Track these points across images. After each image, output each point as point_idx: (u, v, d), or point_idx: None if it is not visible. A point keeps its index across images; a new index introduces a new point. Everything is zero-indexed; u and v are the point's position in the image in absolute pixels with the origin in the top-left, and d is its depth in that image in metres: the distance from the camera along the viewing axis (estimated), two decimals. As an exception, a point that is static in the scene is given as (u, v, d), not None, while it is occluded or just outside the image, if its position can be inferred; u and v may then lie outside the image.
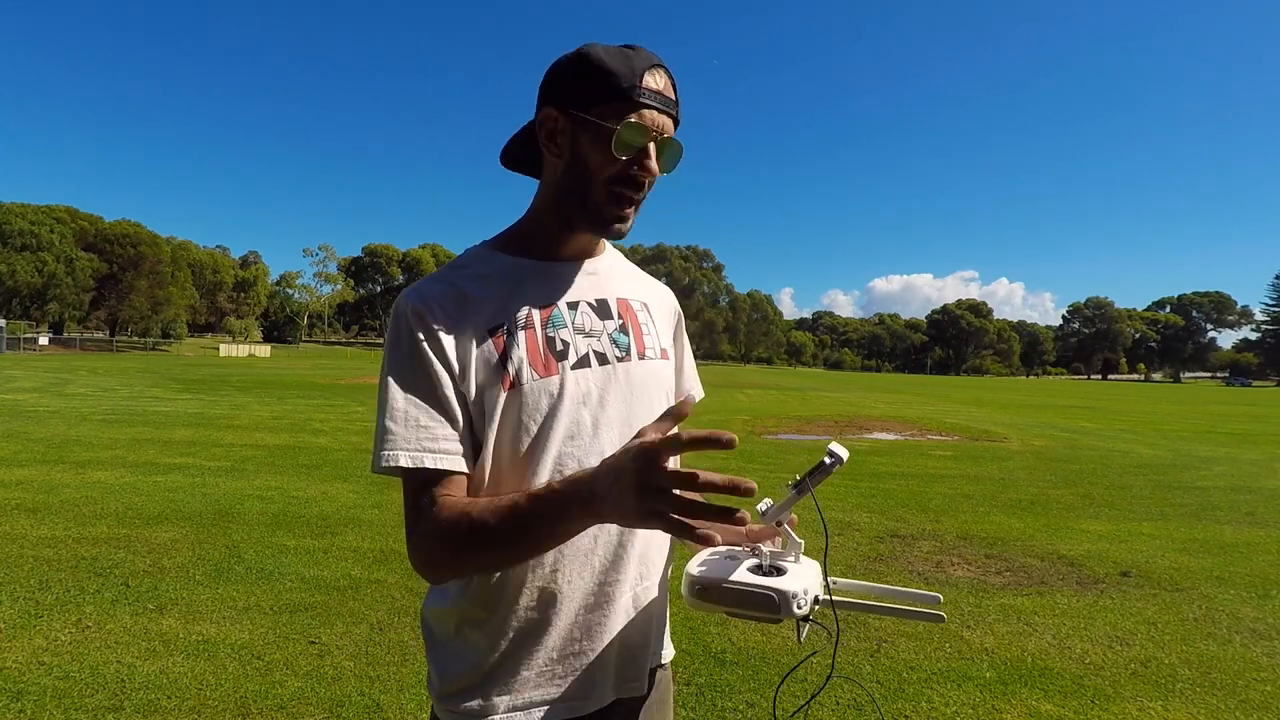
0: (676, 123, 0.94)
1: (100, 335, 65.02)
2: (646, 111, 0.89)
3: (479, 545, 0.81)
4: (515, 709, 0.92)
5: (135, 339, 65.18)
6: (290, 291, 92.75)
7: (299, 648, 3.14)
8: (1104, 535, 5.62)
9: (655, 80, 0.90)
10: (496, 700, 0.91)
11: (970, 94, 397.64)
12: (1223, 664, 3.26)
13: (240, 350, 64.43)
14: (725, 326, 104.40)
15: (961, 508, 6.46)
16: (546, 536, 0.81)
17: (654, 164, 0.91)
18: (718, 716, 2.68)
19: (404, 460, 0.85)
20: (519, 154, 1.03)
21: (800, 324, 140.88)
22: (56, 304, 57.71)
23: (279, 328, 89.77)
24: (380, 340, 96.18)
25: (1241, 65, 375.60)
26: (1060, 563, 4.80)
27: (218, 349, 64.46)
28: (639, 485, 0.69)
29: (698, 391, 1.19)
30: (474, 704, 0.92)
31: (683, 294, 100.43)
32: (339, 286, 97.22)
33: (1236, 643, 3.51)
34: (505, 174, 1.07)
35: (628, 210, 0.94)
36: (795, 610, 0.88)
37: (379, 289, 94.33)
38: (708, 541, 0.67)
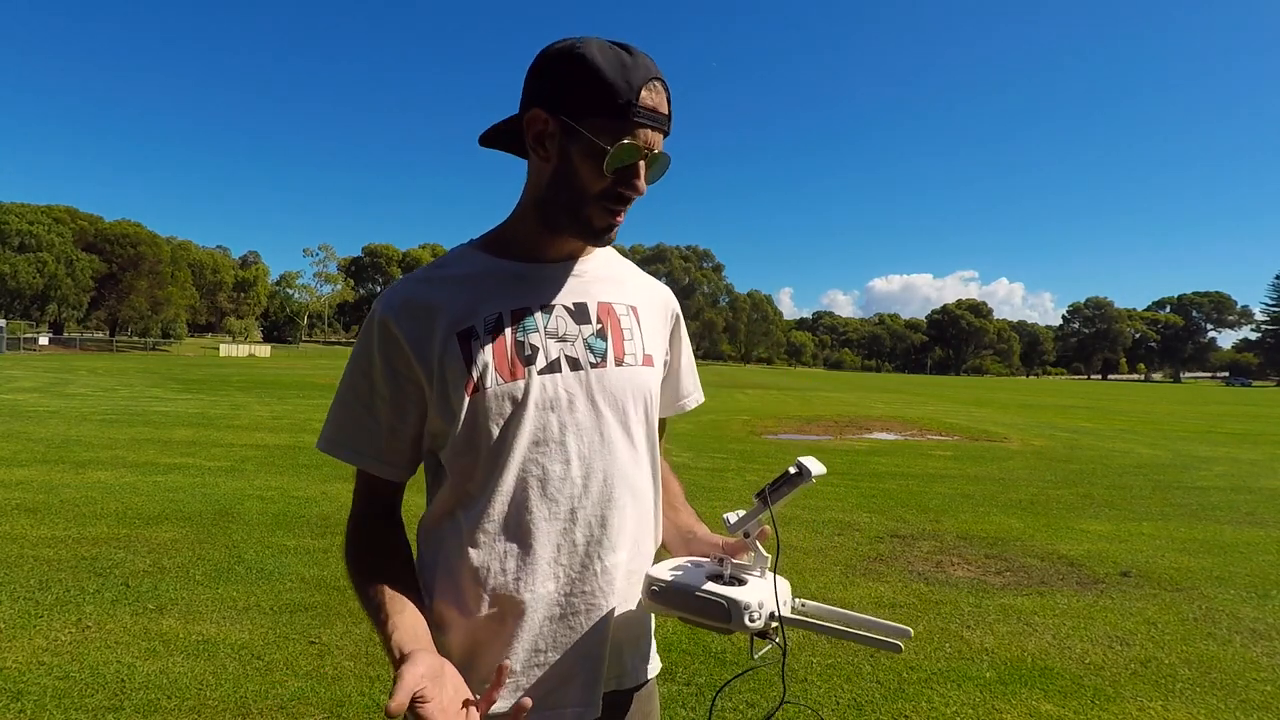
0: (666, 135, 0.92)
1: (100, 335, 64.98)
2: (641, 131, 0.87)
3: (355, 592, 0.92)
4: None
5: (135, 339, 65.13)
6: (290, 291, 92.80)
7: (299, 648, 3.14)
8: (1104, 535, 5.62)
9: (652, 96, 0.87)
10: None
11: (970, 93, 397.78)
12: (1223, 664, 3.26)
13: (240, 350, 64.36)
14: (725, 326, 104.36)
15: (961, 508, 6.46)
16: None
17: (642, 183, 0.90)
18: (718, 717, 2.68)
19: (327, 449, 0.97)
20: (502, 140, 0.99)
21: (800, 324, 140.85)
22: (57, 304, 57.71)
23: (279, 328, 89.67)
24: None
25: (1242, 65, 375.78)
26: (1060, 563, 4.80)
27: (218, 349, 64.39)
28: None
29: (697, 395, 1.17)
30: None
31: (683, 294, 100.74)
32: (339, 286, 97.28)
33: (1236, 643, 3.51)
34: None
35: (616, 220, 0.93)
36: (747, 623, 0.87)
37: (379, 289, 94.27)
38: None
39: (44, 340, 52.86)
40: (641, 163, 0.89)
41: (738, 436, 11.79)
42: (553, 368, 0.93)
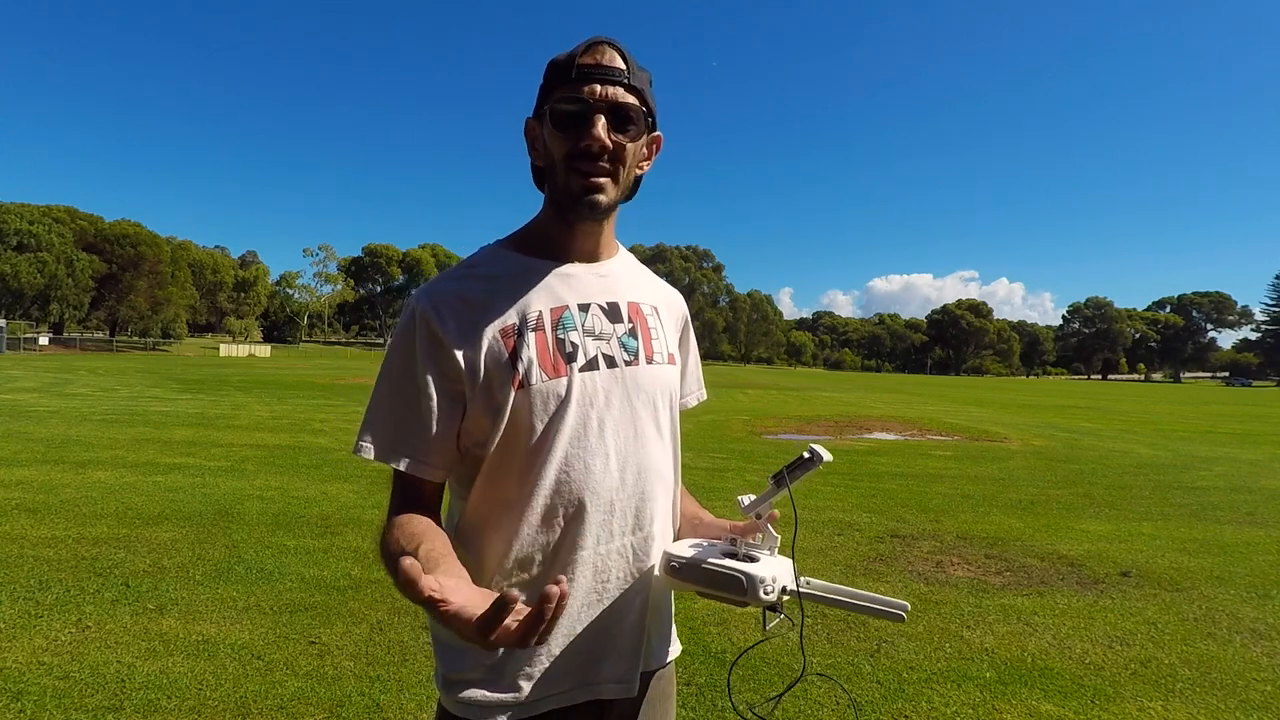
0: (634, 90, 0.94)
1: (100, 335, 64.97)
2: (587, 86, 0.92)
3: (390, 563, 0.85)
4: (520, 704, 0.94)
5: (135, 339, 65.12)
6: (290, 291, 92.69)
7: (299, 648, 3.13)
8: (1104, 535, 5.62)
9: (593, 55, 0.93)
10: (500, 695, 0.94)
11: (970, 93, 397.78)
12: (1223, 664, 3.26)
13: (240, 350, 64.39)
14: (725, 326, 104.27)
15: (961, 508, 6.46)
16: None
17: (599, 131, 0.92)
18: (718, 716, 2.68)
19: (370, 454, 0.92)
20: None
21: (800, 324, 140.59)
22: (58, 304, 57.71)
23: (279, 328, 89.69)
24: (380, 340, 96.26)
25: (1241, 65, 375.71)
26: (1060, 563, 4.80)
27: (218, 349, 64.44)
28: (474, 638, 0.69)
29: (700, 393, 1.21)
30: (477, 695, 0.94)
31: (683, 294, 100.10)
32: (339, 286, 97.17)
33: (1236, 643, 3.51)
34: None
35: (592, 181, 0.93)
36: (762, 595, 0.93)
37: (379, 289, 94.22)
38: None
39: (44, 340, 52.88)
40: (599, 117, 0.92)
41: (738, 436, 11.79)
42: (591, 365, 0.97)
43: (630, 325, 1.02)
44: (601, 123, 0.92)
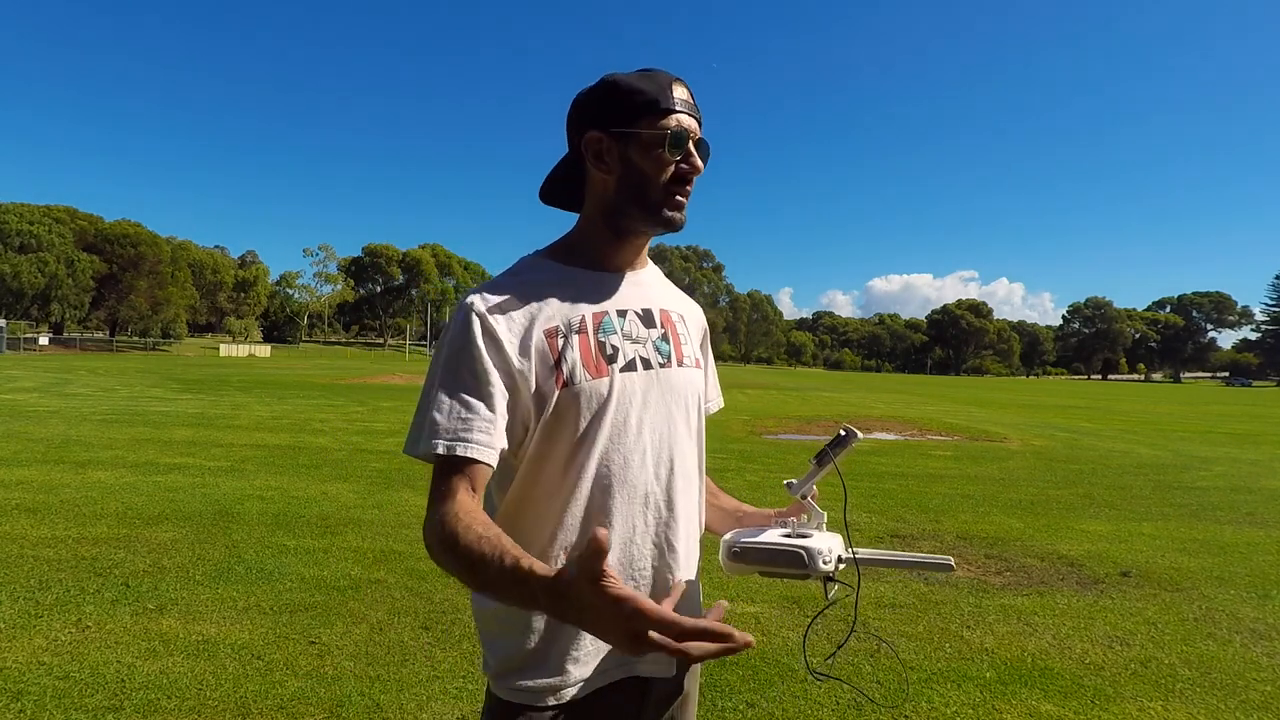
0: (699, 122, 1.05)
1: (100, 335, 65.00)
2: (681, 117, 1.01)
3: (455, 567, 0.85)
4: (567, 685, 1.00)
5: (135, 339, 65.15)
6: (290, 291, 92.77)
7: (299, 648, 3.13)
8: (1104, 535, 5.62)
9: (680, 90, 1.03)
10: (549, 679, 0.99)
11: (970, 93, 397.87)
12: (1223, 664, 3.26)
13: (240, 350, 64.47)
14: (725, 326, 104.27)
15: (961, 508, 6.46)
16: (505, 600, 0.83)
17: (698, 160, 1.03)
18: (718, 716, 2.68)
19: (440, 449, 0.92)
20: (560, 187, 1.11)
21: (800, 324, 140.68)
22: (58, 304, 57.75)
23: (279, 328, 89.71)
24: (379, 340, 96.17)
25: (1243, 64, 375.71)
26: (1060, 563, 4.80)
27: (218, 349, 64.51)
28: (627, 636, 0.69)
29: (718, 400, 1.30)
30: (527, 682, 0.99)
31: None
32: (339, 286, 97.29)
33: (1236, 643, 3.51)
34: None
35: (683, 203, 1.04)
36: (821, 566, 1.01)
37: (379, 289, 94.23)
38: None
39: (44, 340, 52.95)
40: (691, 145, 1.03)
41: (738, 436, 11.79)
42: (630, 366, 1.04)
43: (663, 330, 1.10)
44: (696, 153, 1.03)
